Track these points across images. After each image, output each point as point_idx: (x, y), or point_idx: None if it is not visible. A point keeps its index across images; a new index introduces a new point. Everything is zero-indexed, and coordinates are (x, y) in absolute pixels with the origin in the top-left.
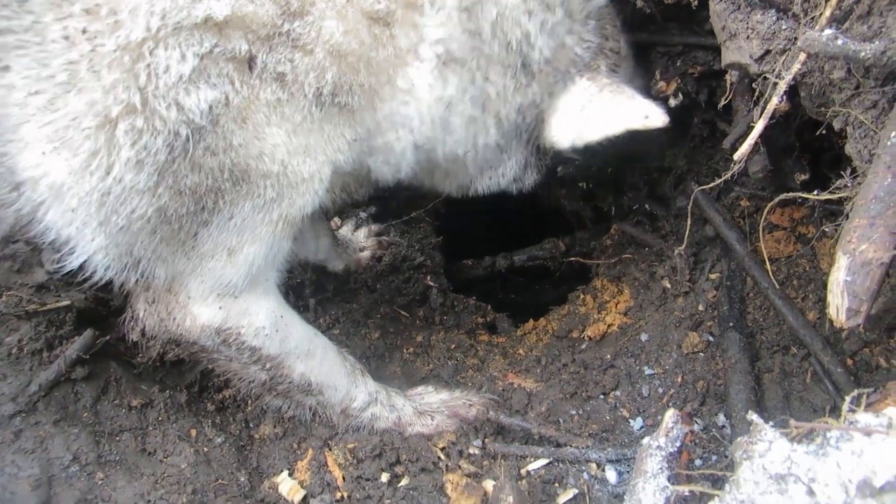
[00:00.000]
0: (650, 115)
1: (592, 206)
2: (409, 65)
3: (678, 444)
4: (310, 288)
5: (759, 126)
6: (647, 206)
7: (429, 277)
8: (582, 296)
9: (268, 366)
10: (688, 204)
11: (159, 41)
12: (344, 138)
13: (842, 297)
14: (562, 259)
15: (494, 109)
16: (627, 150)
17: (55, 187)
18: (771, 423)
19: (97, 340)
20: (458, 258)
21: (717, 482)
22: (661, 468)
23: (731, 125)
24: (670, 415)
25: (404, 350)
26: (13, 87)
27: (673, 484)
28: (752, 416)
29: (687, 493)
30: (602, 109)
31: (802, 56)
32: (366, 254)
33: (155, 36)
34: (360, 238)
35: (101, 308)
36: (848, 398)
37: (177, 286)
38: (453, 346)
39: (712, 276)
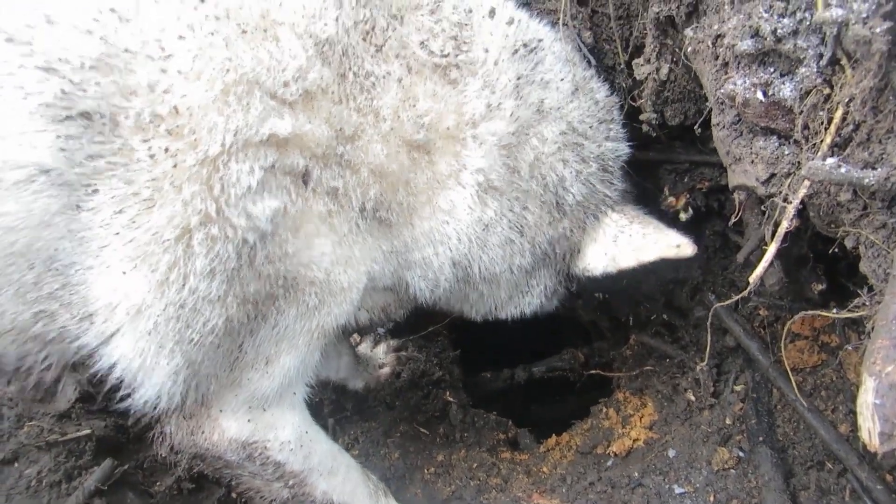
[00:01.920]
0: (681, 245)
1: (609, 316)
2: (451, 188)
3: None
4: (328, 407)
5: (773, 249)
6: (664, 316)
7: (448, 392)
8: (605, 409)
9: (291, 483)
10: (706, 315)
11: (231, 155)
12: (381, 250)
13: (873, 421)
14: (582, 371)
15: (531, 235)
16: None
17: (133, 309)
18: None
19: (115, 470)
20: (476, 371)
21: None
22: None
23: (742, 237)
24: None
25: (425, 470)
26: (99, 210)
27: None
28: None
29: None
30: (635, 240)
31: (808, 182)
32: (385, 370)
33: (228, 151)
34: (380, 354)
35: (121, 435)
36: None
37: (213, 400)
38: (475, 464)
39: (737, 388)
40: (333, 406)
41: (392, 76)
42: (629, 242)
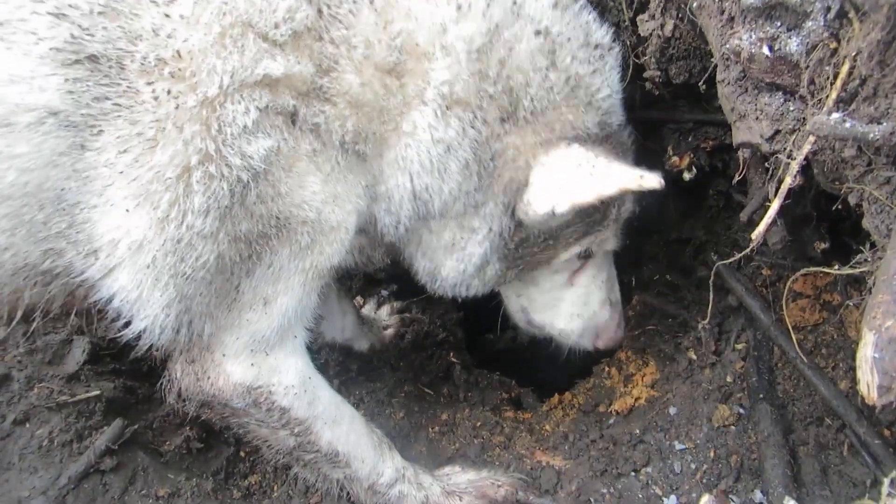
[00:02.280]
0: (645, 177)
1: None
2: (414, 108)
3: None
4: (334, 368)
5: (776, 205)
6: (667, 276)
7: (452, 354)
8: (607, 368)
9: (296, 430)
10: (708, 274)
11: (228, 96)
12: (361, 186)
13: (871, 374)
14: None
15: (482, 152)
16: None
17: (134, 245)
18: None
19: (125, 430)
20: (479, 332)
21: None
22: None
23: (746, 196)
24: (707, 500)
25: (429, 429)
26: (104, 150)
27: None
28: (790, 503)
29: None
30: (597, 169)
31: (812, 137)
32: (389, 332)
33: (226, 92)
34: (384, 316)
35: (130, 396)
36: (887, 480)
37: (214, 343)
38: (479, 423)
39: (738, 347)
40: (339, 367)
41: (362, 2)
42: (590, 172)
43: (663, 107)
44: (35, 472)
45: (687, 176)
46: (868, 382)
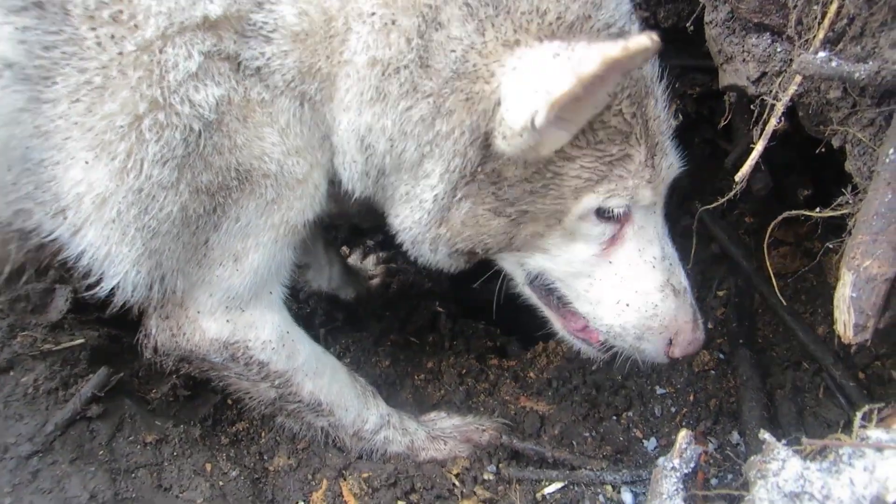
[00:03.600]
0: (632, 41)
1: None
2: (352, 30)
3: (693, 464)
4: (320, 318)
5: (759, 147)
6: None
7: (437, 303)
8: None
9: (276, 382)
10: (692, 222)
11: (167, 39)
12: (316, 138)
13: (848, 314)
14: None
15: (433, 73)
16: None
17: (98, 199)
18: (784, 441)
19: (111, 377)
20: (465, 282)
21: (734, 501)
22: (676, 489)
23: (731, 143)
24: (683, 435)
25: (415, 377)
26: (58, 101)
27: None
28: (765, 436)
29: None
30: (576, 52)
31: (798, 78)
32: (375, 281)
33: (164, 35)
34: (369, 266)
35: (114, 345)
36: (859, 414)
37: (188, 300)
38: (464, 371)
39: (720, 294)
40: (325, 317)
41: None
42: (569, 58)
43: None
44: (21, 419)
45: (673, 123)
46: (845, 322)
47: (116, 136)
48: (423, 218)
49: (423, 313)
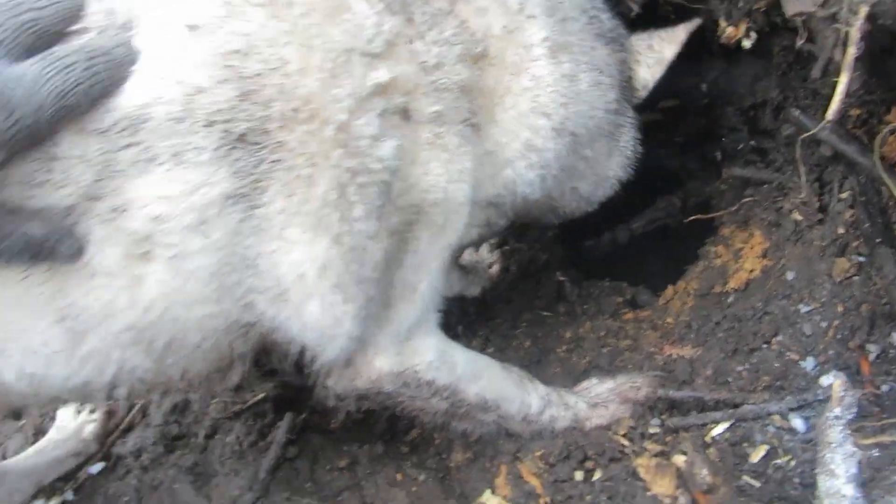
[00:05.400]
0: (692, 20)
1: (697, 156)
2: (526, 68)
3: (854, 409)
4: (454, 317)
5: (844, 80)
6: (752, 142)
7: (558, 273)
8: (713, 248)
9: (445, 395)
10: (795, 131)
11: (353, 114)
12: (478, 156)
13: None
14: (681, 218)
15: (608, 70)
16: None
17: (320, 269)
18: None
19: (296, 420)
20: (578, 243)
21: None
22: (843, 436)
23: (815, 44)
24: (838, 385)
25: (557, 350)
26: (272, 202)
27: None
28: None
29: (876, 450)
30: (666, 35)
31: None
32: (495, 268)
33: (351, 112)
34: (484, 255)
35: (288, 390)
36: None
37: (369, 343)
38: (603, 332)
39: (843, 196)
40: (457, 314)
41: (443, 10)
42: (662, 39)
43: None
44: (237, 474)
45: (747, 43)
46: None
47: (330, 209)
48: (620, 174)
49: (548, 286)
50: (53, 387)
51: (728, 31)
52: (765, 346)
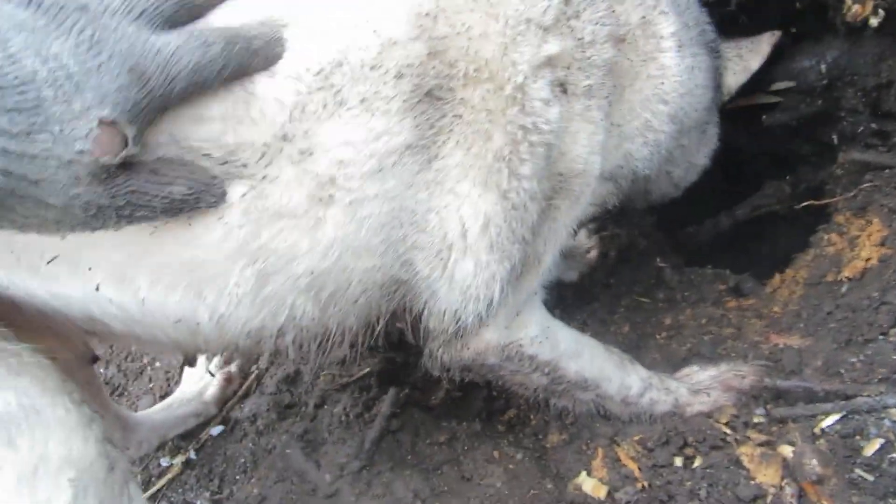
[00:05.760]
0: (773, 33)
1: (810, 140)
2: (656, 57)
3: None
4: (552, 301)
5: None
6: (873, 125)
7: (658, 259)
8: (825, 236)
9: (546, 370)
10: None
11: (528, 78)
12: (609, 129)
13: None
14: (790, 204)
15: (711, 76)
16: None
17: (483, 225)
18: None
19: (400, 395)
20: (679, 229)
21: None
22: None
23: None
24: None
25: (656, 336)
26: (451, 155)
27: None
28: None
29: None
30: (751, 45)
31: None
32: (593, 253)
33: (527, 76)
34: (583, 240)
35: (392, 366)
36: None
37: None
38: (704, 320)
39: None
40: (555, 299)
41: None
42: (747, 49)
43: None
44: (344, 442)
45: (874, 21)
46: None
47: (502, 164)
48: (703, 162)
49: (647, 272)
50: (233, 330)
51: (854, 9)
52: (881, 337)
